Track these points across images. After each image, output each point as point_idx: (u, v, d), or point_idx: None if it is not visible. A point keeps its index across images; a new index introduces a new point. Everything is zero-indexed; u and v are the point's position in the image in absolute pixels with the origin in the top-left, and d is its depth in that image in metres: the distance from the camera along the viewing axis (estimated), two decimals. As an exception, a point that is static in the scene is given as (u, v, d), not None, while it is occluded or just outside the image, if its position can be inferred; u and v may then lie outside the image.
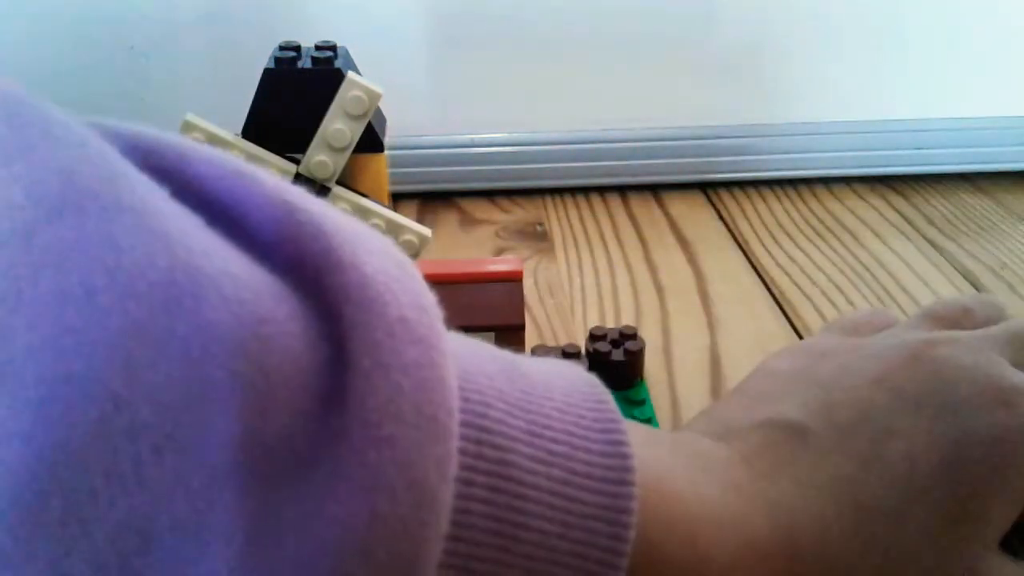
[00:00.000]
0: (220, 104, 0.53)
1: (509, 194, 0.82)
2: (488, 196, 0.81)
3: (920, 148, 0.82)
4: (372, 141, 0.44)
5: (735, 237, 0.74)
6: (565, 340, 0.59)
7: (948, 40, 0.79)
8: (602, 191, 0.82)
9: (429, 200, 0.80)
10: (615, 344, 0.53)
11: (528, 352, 0.52)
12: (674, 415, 0.52)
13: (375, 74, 0.44)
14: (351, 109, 0.42)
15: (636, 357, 0.52)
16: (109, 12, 0.73)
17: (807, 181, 0.83)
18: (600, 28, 0.76)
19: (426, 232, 0.46)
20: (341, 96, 0.42)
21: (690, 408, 0.52)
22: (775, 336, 0.60)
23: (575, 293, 0.65)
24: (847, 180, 0.83)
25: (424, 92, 0.78)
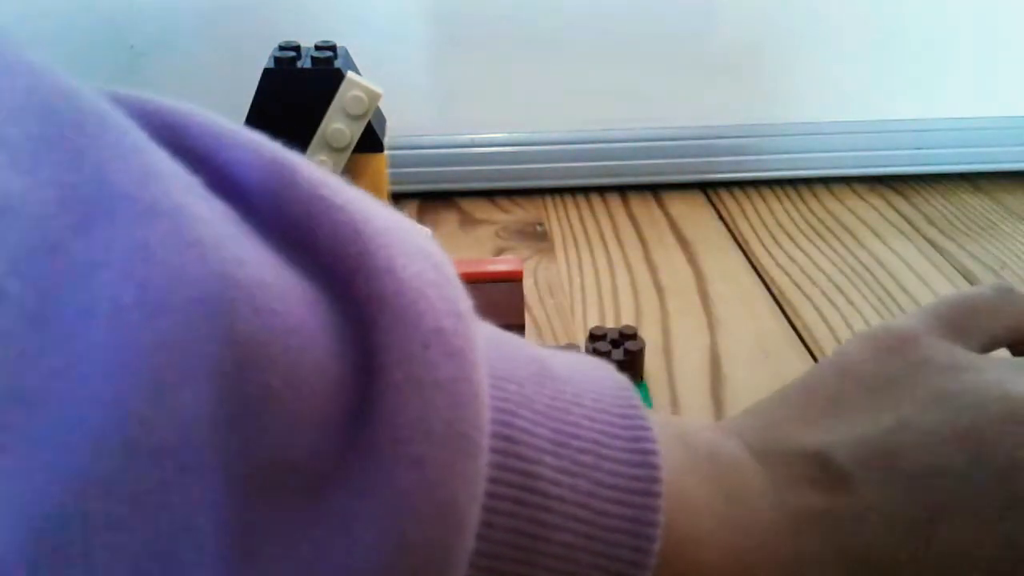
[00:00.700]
0: (220, 104, 0.53)
1: (509, 194, 0.82)
2: (488, 196, 0.81)
3: (920, 148, 0.82)
4: (372, 141, 0.44)
5: (735, 237, 0.74)
6: (565, 340, 0.59)
7: (948, 40, 0.79)
8: (602, 191, 0.82)
9: (429, 200, 0.80)
10: (615, 344, 0.53)
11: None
12: (674, 414, 0.52)
13: (375, 74, 0.44)
14: (351, 109, 0.42)
15: (636, 357, 0.52)
16: (109, 12, 0.73)
17: (807, 181, 0.83)
18: (600, 28, 0.76)
19: (426, 232, 0.46)
20: (341, 96, 0.42)
21: (690, 408, 0.52)
22: (775, 336, 0.60)
23: (575, 293, 0.65)
24: (847, 180, 0.83)
25: (424, 92, 0.78)
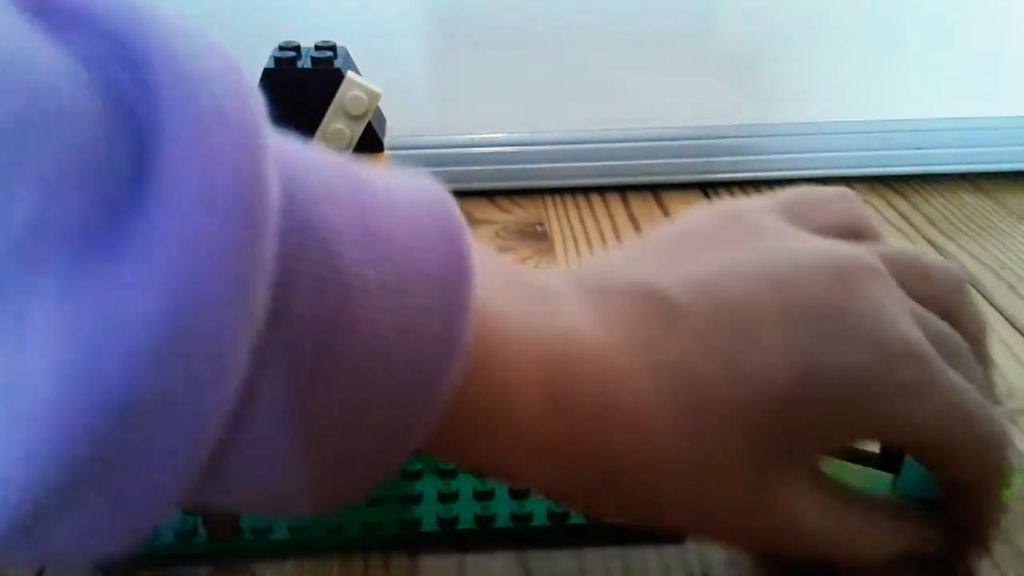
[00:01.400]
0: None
1: (509, 194, 0.82)
2: (488, 196, 0.81)
3: (920, 148, 0.82)
4: (372, 141, 0.44)
5: (735, 237, 0.74)
6: (565, 340, 0.59)
7: (948, 40, 0.79)
8: (602, 191, 0.82)
9: (429, 200, 0.80)
10: (615, 344, 0.53)
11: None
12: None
13: (375, 74, 0.44)
14: (351, 109, 0.42)
15: (636, 357, 0.52)
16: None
17: (807, 181, 0.83)
18: (600, 28, 0.76)
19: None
20: (341, 96, 0.42)
21: (690, 408, 0.52)
22: (775, 336, 0.60)
23: (575, 293, 0.65)
24: (847, 180, 0.83)
25: (424, 92, 0.78)
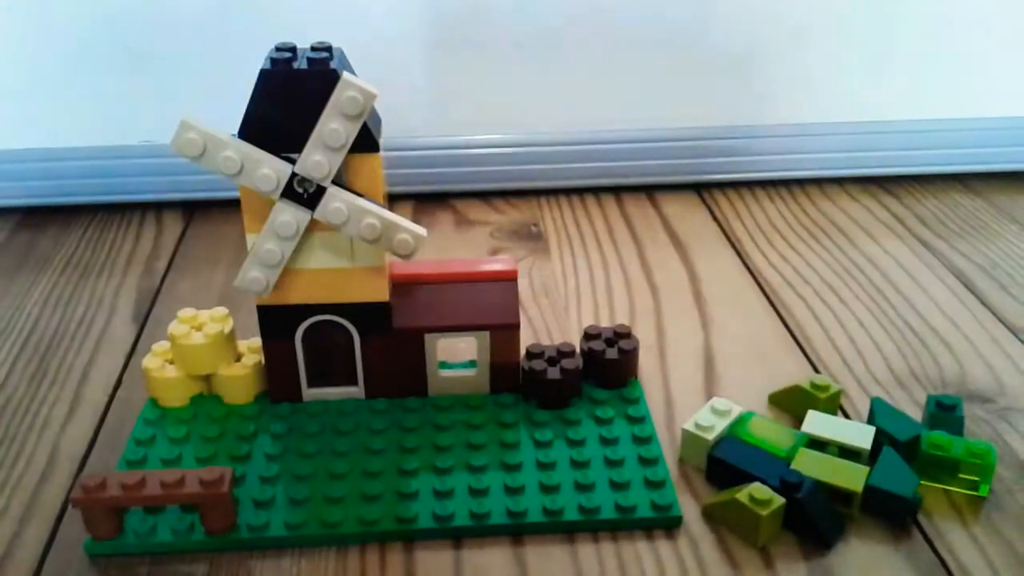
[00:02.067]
0: (218, 104, 0.53)
1: (504, 195, 0.82)
2: (483, 197, 0.82)
3: (912, 149, 0.82)
4: (367, 141, 0.45)
5: (728, 237, 0.74)
6: (560, 339, 0.60)
7: (939, 42, 0.79)
8: (596, 192, 0.82)
9: (424, 201, 0.81)
10: (609, 343, 0.53)
11: (523, 351, 0.52)
12: (668, 413, 0.52)
13: (370, 75, 0.45)
14: (347, 109, 0.43)
15: (630, 356, 0.53)
16: (109, 12, 0.73)
17: (800, 182, 0.84)
18: (595, 31, 0.77)
19: (421, 232, 0.46)
20: (337, 96, 0.43)
21: (684, 406, 0.53)
22: (768, 335, 0.60)
23: (570, 293, 0.66)
24: (839, 181, 0.84)
25: (419, 93, 0.78)
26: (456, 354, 0.55)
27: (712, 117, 0.81)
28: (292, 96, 0.44)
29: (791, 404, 0.52)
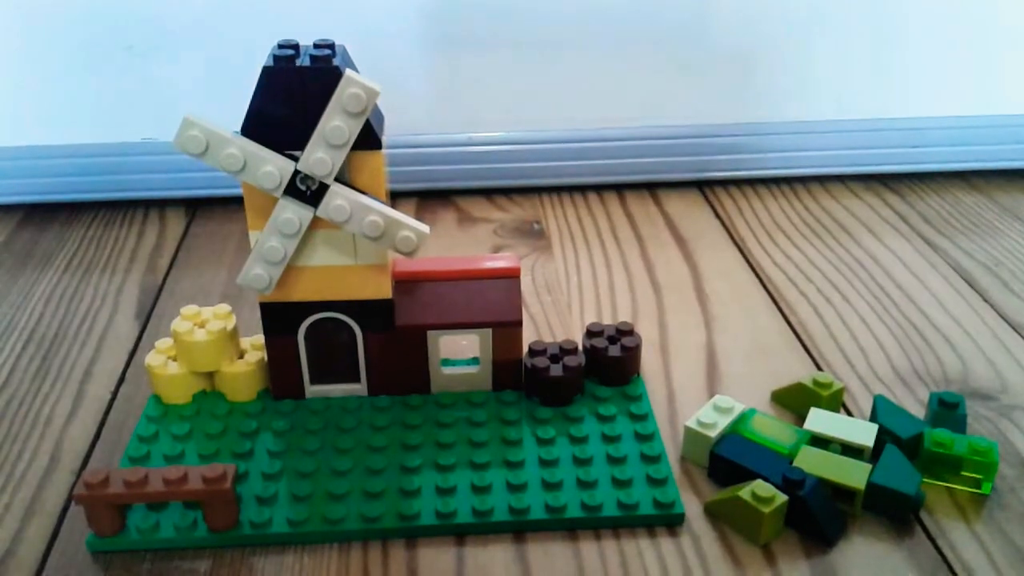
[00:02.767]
0: (220, 103, 0.53)
1: (507, 192, 0.82)
2: (486, 194, 0.82)
3: (915, 146, 0.82)
4: (370, 138, 0.45)
5: (731, 235, 0.74)
6: (562, 337, 0.60)
7: (942, 40, 0.79)
8: (599, 189, 0.82)
9: (427, 198, 0.81)
10: (612, 340, 0.53)
11: (526, 348, 0.52)
12: (670, 410, 0.52)
13: (373, 72, 0.45)
14: (349, 106, 0.43)
15: (633, 353, 0.53)
16: (109, 12, 0.73)
17: (803, 179, 0.84)
18: (597, 28, 0.77)
19: (424, 229, 0.46)
20: (339, 94, 0.42)
21: (686, 403, 0.53)
22: (771, 332, 0.60)
23: (572, 290, 0.66)
24: (842, 178, 0.84)
25: (422, 91, 0.78)
26: (458, 351, 0.55)
27: (715, 114, 0.81)
28: (295, 93, 0.44)
29: (794, 401, 0.52)
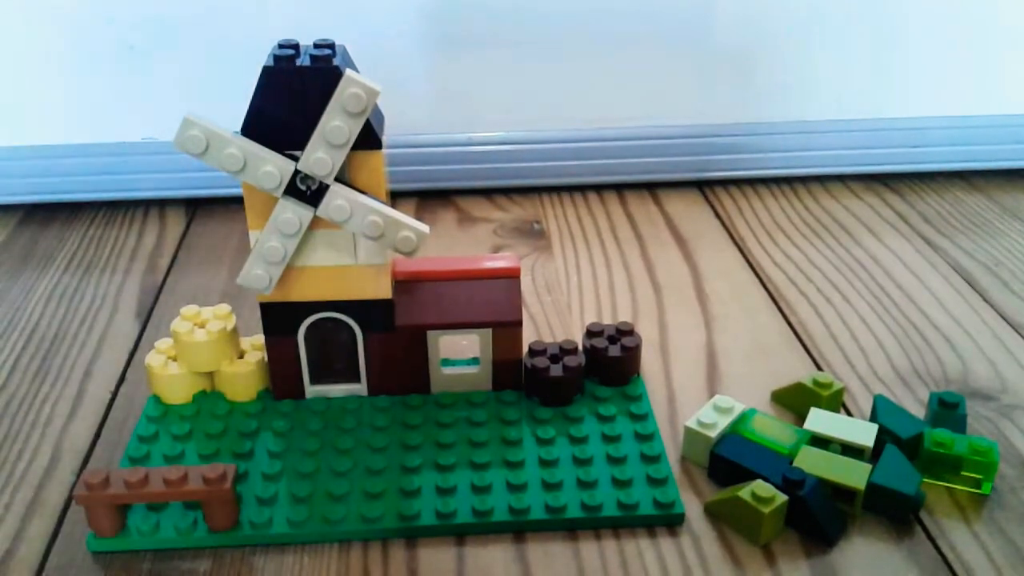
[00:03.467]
0: (220, 103, 0.53)
1: (507, 192, 0.82)
2: (486, 194, 0.82)
3: (915, 146, 0.82)
4: (370, 138, 0.45)
5: (731, 234, 0.74)
6: (562, 336, 0.60)
7: (942, 40, 0.79)
8: (599, 189, 0.82)
9: (427, 198, 0.81)
10: (612, 340, 0.53)
11: (526, 348, 0.52)
12: (670, 410, 0.52)
13: (373, 72, 0.45)
14: (349, 106, 0.43)
15: (633, 353, 0.53)
16: (109, 12, 0.73)
17: (803, 179, 0.84)
18: (597, 28, 0.77)
19: (424, 229, 0.46)
20: (339, 93, 0.42)
21: (686, 403, 0.53)
22: (771, 332, 0.60)
23: (572, 290, 0.66)
24: (843, 178, 0.84)
25: (422, 90, 0.78)
26: (458, 351, 0.55)
27: (715, 114, 0.81)
28: (295, 93, 0.44)
29: (794, 401, 0.52)
